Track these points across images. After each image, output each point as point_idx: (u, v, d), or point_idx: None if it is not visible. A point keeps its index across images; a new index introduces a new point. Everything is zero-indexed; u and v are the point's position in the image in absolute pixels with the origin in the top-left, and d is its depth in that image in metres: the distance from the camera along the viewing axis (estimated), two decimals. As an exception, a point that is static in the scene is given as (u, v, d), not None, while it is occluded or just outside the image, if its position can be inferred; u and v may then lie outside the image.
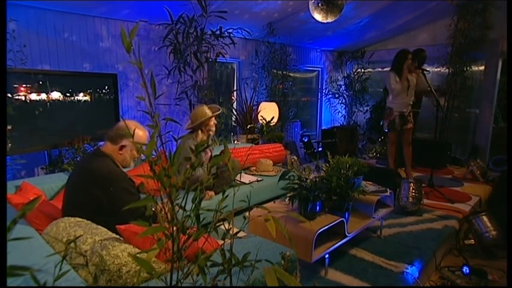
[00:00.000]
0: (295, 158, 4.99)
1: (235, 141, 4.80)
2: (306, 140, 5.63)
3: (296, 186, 2.44)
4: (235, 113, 5.05)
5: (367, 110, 6.95)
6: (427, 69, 5.49)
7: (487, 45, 5.55)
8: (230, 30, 4.21)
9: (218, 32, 4.03)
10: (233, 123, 5.22)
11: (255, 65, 5.48)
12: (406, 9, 5.36)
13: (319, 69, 7.17)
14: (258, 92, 5.53)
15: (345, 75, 7.13)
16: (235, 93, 5.44)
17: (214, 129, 3.29)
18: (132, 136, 0.87)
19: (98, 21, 3.83)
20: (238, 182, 3.52)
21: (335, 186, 2.51)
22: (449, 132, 6.08)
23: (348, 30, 5.88)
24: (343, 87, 7.08)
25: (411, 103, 4.51)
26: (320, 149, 5.54)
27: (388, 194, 2.99)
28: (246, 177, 3.62)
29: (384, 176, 3.89)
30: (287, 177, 2.34)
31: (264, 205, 2.81)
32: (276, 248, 1.63)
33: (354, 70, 7.07)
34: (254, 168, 3.89)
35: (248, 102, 5.08)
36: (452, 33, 5.62)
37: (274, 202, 2.81)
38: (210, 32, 3.99)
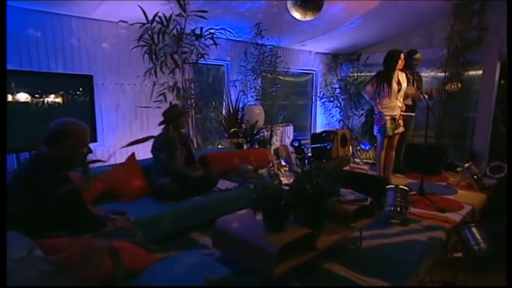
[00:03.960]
0: (282, 163, 4.84)
1: (219, 145, 4.66)
2: (296, 145, 5.47)
3: (261, 194, 2.28)
4: (220, 116, 4.90)
5: (362, 114, 6.76)
6: (421, 73, 5.35)
7: (484, 47, 5.35)
8: (212, 31, 4.07)
9: (199, 32, 3.89)
10: (221, 127, 5.07)
11: (244, 67, 5.33)
12: (397, 10, 5.18)
13: (314, 72, 7.01)
14: (248, 95, 5.38)
15: (340, 78, 6.94)
16: (224, 95, 5.30)
17: (184, 126, 3.47)
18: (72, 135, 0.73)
19: (75, 21, 3.71)
20: (215, 188, 3.39)
21: (305, 194, 2.34)
22: (446, 136, 5.88)
23: (341, 32, 5.71)
24: (338, 90, 6.89)
25: (401, 106, 4.33)
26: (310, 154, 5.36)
27: (367, 203, 2.81)
28: (223, 184, 3.46)
29: (370, 183, 3.70)
30: (249, 185, 2.19)
31: (231, 214, 2.65)
32: (218, 269, 1.46)
33: (349, 73, 6.89)
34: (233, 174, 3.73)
35: (233, 105, 4.92)
36: (448, 35, 5.44)
37: (234, 213, 2.61)
38: (190, 33, 3.86)
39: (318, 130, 7.01)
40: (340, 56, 7.06)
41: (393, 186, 3.43)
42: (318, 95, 6.98)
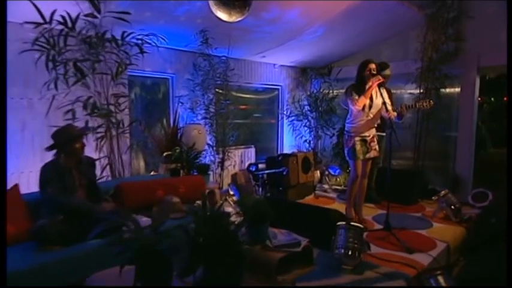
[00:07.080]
0: (230, 192, 4.17)
1: (152, 172, 3.98)
2: (253, 170, 4.80)
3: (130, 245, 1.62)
4: (155, 137, 4.23)
5: (334, 134, 6.13)
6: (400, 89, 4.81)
7: (462, 61, 4.81)
8: (140, 37, 3.47)
9: (119, 38, 3.29)
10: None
11: (192, 81, 4.72)
12: (363, 19, 4.67)
13: (279, 87, 6.42)
14: (196, 113, 4.75)
15: (309, 93, 6.34)
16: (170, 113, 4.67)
17: (81, 152, 2.80)
18: None
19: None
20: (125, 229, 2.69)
21: (204, 243, 1.68)
22: (427, 159, 5.25)
23: (305, 42, 5.16)
24: (307, 107, 6.28)
25: (375, 126, 3.67)
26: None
27: (299, 249, 2.13)
28: (143, 221, 2.76)
29: (320, 218, 3.03)
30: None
31: (111, 269, 1.96)
32: None
33: (320, 89, 6.29)
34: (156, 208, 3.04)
35: (172, 124, 4.26)
36: (422, 46, 4.91)
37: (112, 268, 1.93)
38: (107, 37, 3.25)
39: (285, 152, 6.36)
40: (309, 70, 6.49)
41: (343, 223, 2.74)
42: (285, 112, 6.36)
